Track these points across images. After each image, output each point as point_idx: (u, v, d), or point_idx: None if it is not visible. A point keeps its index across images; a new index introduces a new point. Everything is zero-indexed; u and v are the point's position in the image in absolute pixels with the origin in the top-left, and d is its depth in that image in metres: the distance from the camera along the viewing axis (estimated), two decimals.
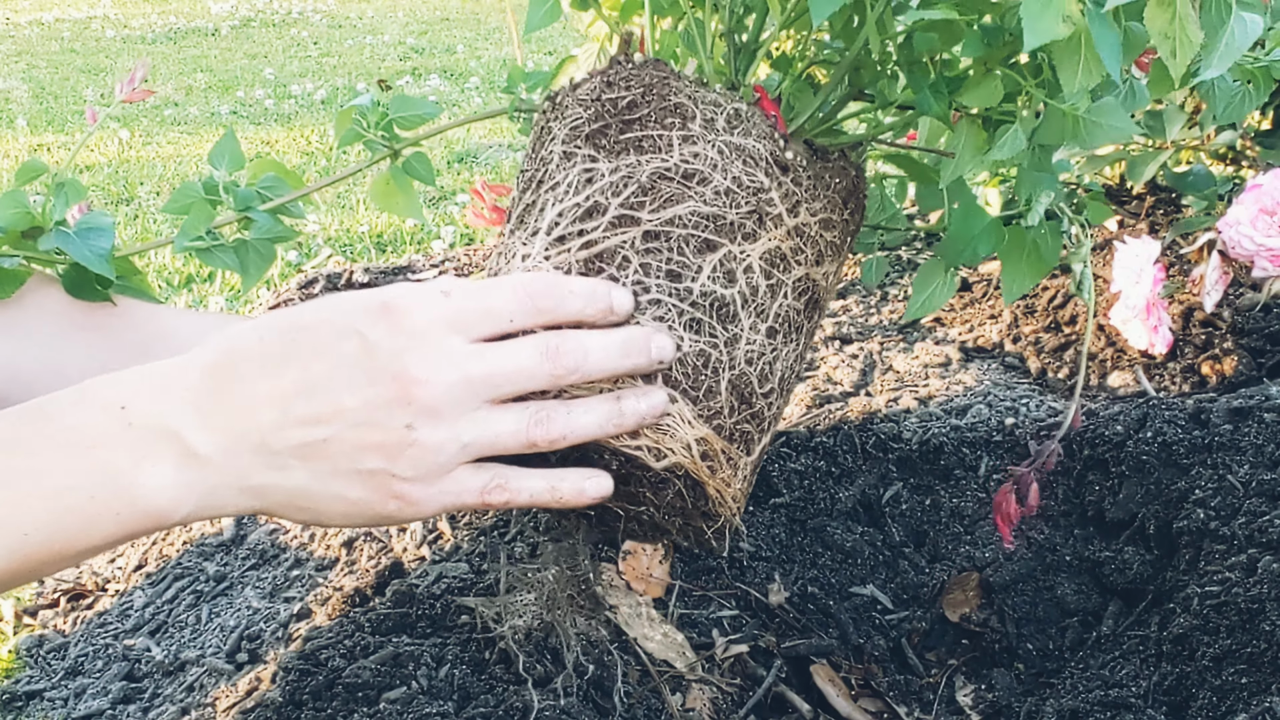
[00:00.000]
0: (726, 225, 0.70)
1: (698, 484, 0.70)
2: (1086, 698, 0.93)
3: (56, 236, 0.78)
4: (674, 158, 0.71)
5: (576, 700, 0.88)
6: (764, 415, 0.73)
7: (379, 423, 0.60)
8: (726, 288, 0.70)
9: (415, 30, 6.79)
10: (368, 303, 0.62)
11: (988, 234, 0.79)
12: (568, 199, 0.71)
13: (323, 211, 2.89)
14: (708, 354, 0.69)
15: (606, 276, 0.69)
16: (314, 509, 0.62)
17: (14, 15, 7.91)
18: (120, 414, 0.59)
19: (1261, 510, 0.98)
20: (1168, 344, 1.40)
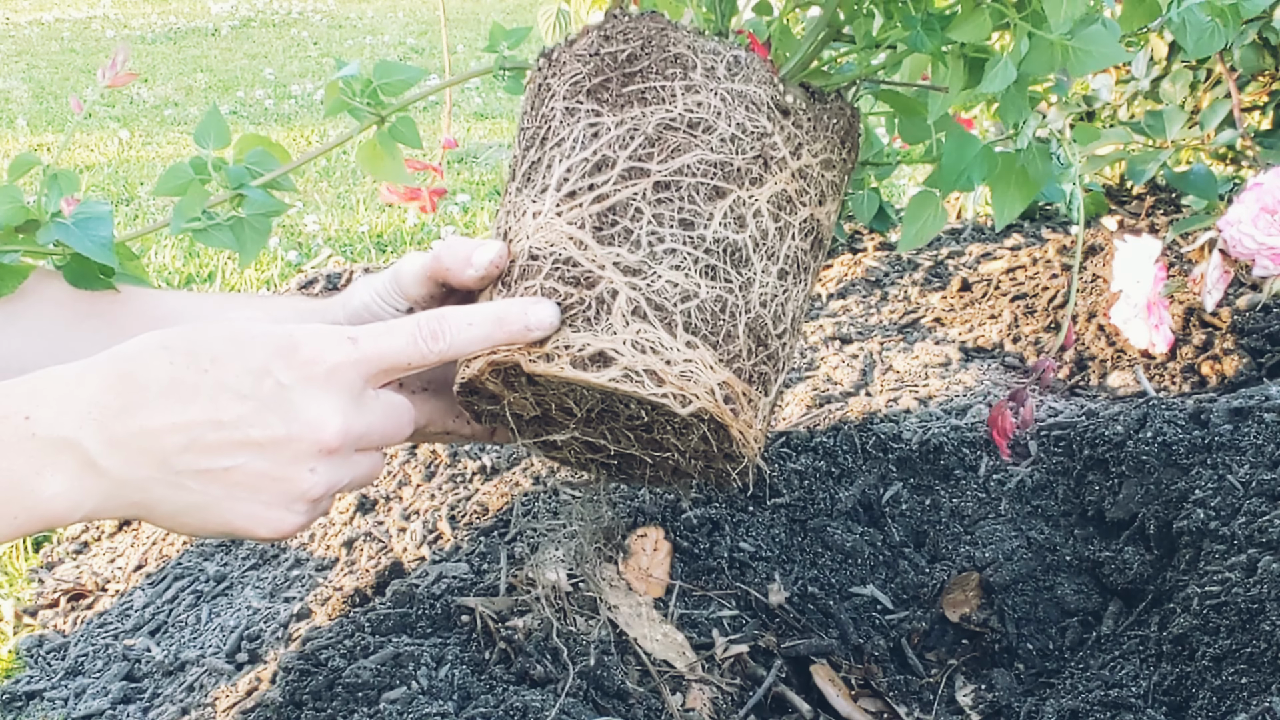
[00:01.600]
0: (734, 171, 0.72)
1: (721, 427, 0.71)
2: (1086, 698, 0.93)
3: (56, 229, 0.78)
4: (678, 107, 0.72)
5: (576, 700, 0.88)
6: (779, 356, 0.74)
7: (284, 464, 0.64)
8: (738, 233, 0.71)
9: (415, 30, 6.79)
10: (280, 343, 0.63)
11: (980, 160, 0.80)
12: (575, 154, 0.72)
13: (323, 212, 2.89)
14: (724, 299, 0.70)
15: (621, 229, 0.70)
16: (198, 524, 0.65)
17: (14, 15, 7.91)
18: (24, 424, 0.61)
19: (1261, 510, 0.98)
20: (1168, 344, 1.40)
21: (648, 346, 0.68)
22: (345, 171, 3.33)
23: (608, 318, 0.68)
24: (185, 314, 0.83)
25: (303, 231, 2.72)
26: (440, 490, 1.28)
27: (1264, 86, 1.75)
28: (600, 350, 0.67)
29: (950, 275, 1.87)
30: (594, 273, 0.69)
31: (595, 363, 0.67)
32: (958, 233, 2.08)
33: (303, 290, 2.03)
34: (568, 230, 0.70)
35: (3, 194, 0.79)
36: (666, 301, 0.69)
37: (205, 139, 0.84)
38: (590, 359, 0.67)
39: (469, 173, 3.31)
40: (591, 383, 0.68)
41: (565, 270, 0.70)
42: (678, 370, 0.68)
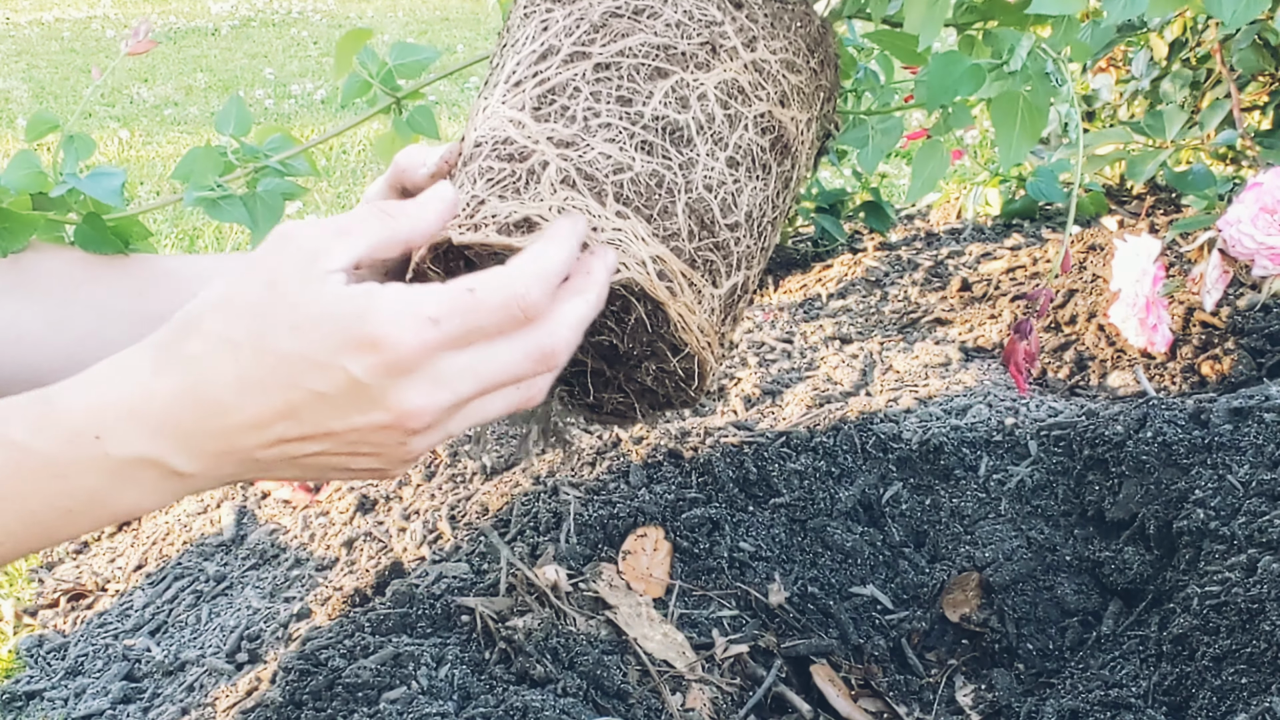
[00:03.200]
0: (678, 54, 0.72)
1: (657, 305, 0.68)
2: (1086, 698, 0.93)
3: (70, 179, 0.78)
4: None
5: (576, 700, 0.88)
6: (731, 249, 0.72)
7: (373, 443, 0.61)
8: (680, 113, 0.70)
9: (415, 30, 6.79)
10: (351, 334, 0.59)
11: (968, 76, 0.79)
12: (524, 49, 0.73)
13: (323, 211, 2.90)
14: (661, 174, 0.69)
15: (558, 106, 0.69)
16: (310, 478, 0.65)
17: (14, 15, 7.91)
18: (94, 444, 0.59)
19: (1261, 510, 0.98)
20: (1167, 343, 1.40)
21: (574, 213, 0.67)
22: (345, 171, 3.33)
23: (536, 186, 0.67)
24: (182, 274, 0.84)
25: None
26: (440, 490, 1.28)
27: (1264, 86, 1.75)
28: (525, 216, 0.66)
29: (950, 275, 1.87)
30: (528, 148, 0.69)
31: (520, 228, 0.66)
32: (958, 233, 2.08)
33: None
34: (509, 114, 0.71)
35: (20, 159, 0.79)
36: (598, 172, 0.67)
37: (226, 124, 0.84)
38: (515, 225, 0.66)
39: None
40: (513, 246, 0.66)
41: (502, 149, 0.69)
42: (605, 237, 0.66)
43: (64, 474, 0.59)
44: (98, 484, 0.59)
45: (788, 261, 2.09)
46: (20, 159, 0.79)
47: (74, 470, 0.59)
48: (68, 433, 0.59)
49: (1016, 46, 0.78)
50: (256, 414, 0.59)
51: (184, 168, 0.84)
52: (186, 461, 0.60)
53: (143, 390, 0.60)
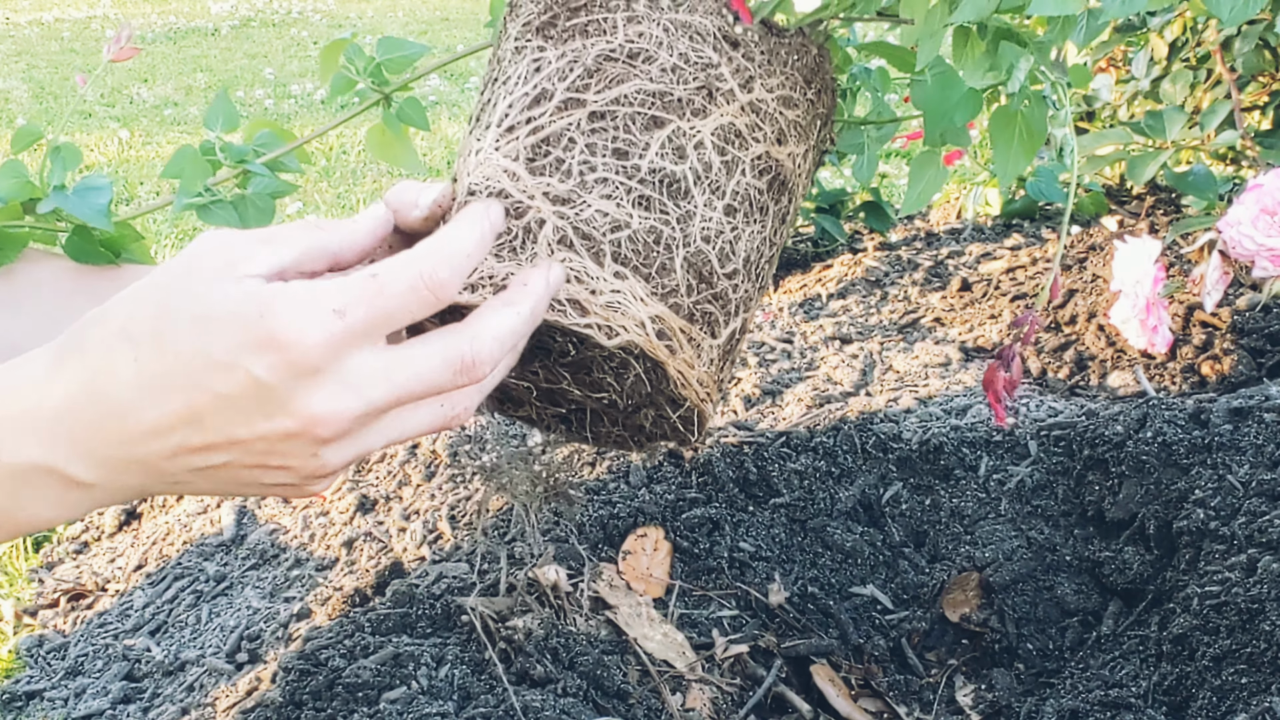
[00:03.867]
0: (674, 101, 0.70)
1: (657, 364, 0.68)
2: (1086, 698, 0.93)
3: (55, 197, 0.78)
4: (619, 38, 0.71)
5: (576, 700, 0.88)
6: (729, 297, 0.71)
7: (282, 453, 0.57)
8: (676, 164, 0.69)
9: (415, 30, 6.79)
10: (252, 331, 0.55)
11: (965, 102, 0.78)
12: (517, 90, 0.72)
13: (323, 211, 2.90)
14: (659, 230, 0.68)
15: (553, 159, 0.68)
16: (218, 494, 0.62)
17: (14, 15, 7.92)
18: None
19: (1261, 510, 0.98)
20: (1168, 344, 1.40)
21: (572, 276, 0.65)
22: (345, 171, 3.33)
23: (533, 246, 0.66)
24: None
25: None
26: (440, 490, 1.28)
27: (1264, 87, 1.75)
28: None
29: (950, 275, 1.87)
30: (523, 203, 0.67)
31: None
32: (958, 233, 2.08)
33: None
34: (503, 163, 0.69)
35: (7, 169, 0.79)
36: (595, 231, 0.67)
37: (214, 121, 0.84)
38: None
39: None
40: None
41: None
42: (603, 300, 0.65)
43: None
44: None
45: (788, 261, 2.09)
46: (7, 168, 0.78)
47: None
48: None
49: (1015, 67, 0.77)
50: (156, 418, 0.56)
51: (174, 167, 0.84)
52: (85, 470, 0.56)
53: (37, 392, 0.57)
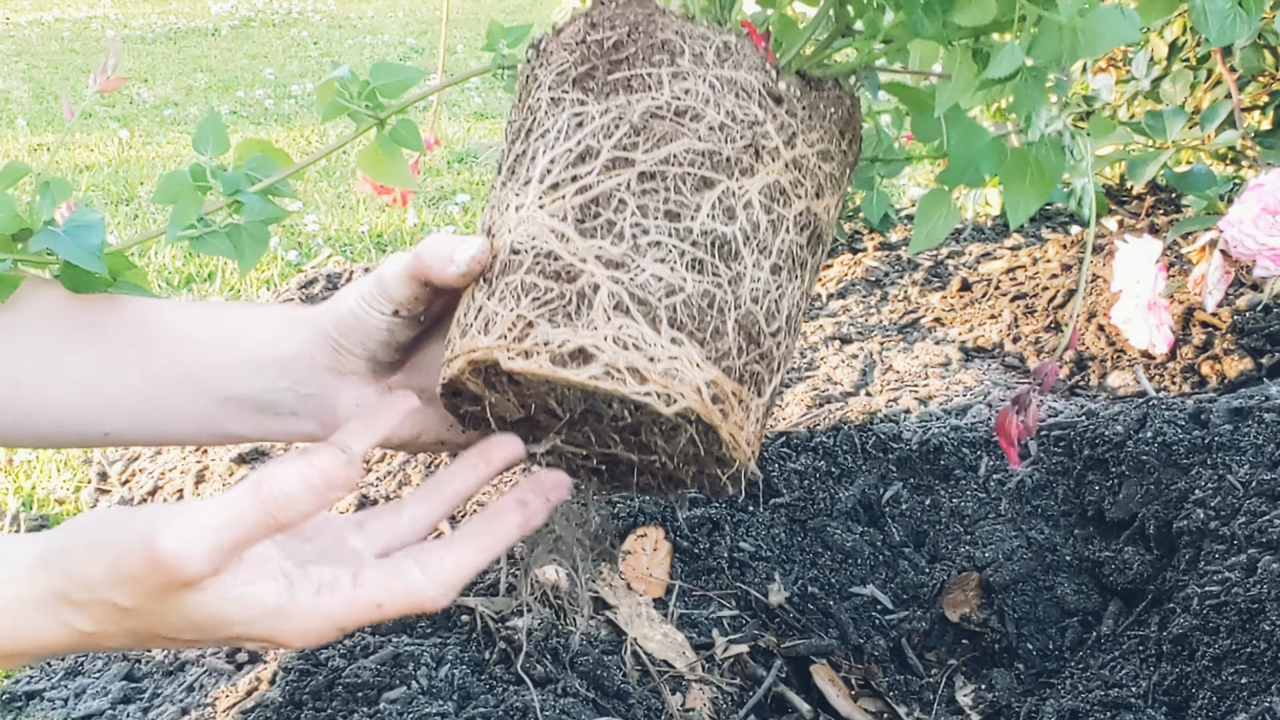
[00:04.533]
0: (723, 160, 0.69)
1: (710, 429, 0.68)
2: (1086, 698, 0.93)
3: (45, 236, 0.77)
4: (665, 95, 0.70)
5: (576, 700, 0.88)
6: (773, 355, 0.71)
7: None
8: (727, 225, 0.69)
9: (415, 30, 6.79)
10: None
11: (989, 153, 0.78)
12: (559, 145, 0.70)
13: (323, 211, 2.89)
14: (712, 294, 0.67)
15: (604, 221, 0.68)
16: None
17: (14, 15, 7.91)
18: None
19: (1261, 510, 0.98)
20: (1168, 344, 1.40)
21: (630, 343, 0.65)
22: (345, 172, 3.33)
23: (589, 313, 0.66)
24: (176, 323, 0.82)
25: (303, 231, 2.72)
26: None
27: (1264, 87, 1.75)
28: (580, 346, 0.65)
29: (950, 275, 1.87)
30: (575, 266, 0.67)
31: (575, 359, 0.65)
32: (958, 232, 2.08)
33: (302, 290, 2.03)
34: (549, 223, 0.68)
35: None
36: (650, 296, 0.66)
37: (204, 144, 0.83)
38: (570, 355, 0.65)
39: (469, 173, 3.31)
40: (571, 380, 0.65)
41: (546, 264, 0.68)
42: (661, 368, 0.65)
43: None
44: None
45: None
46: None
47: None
48: None
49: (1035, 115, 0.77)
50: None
51: (164, 193, 0.83)
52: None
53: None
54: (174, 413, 0.78)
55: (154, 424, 0.79)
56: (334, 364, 0.77)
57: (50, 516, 1.53)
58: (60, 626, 0.59)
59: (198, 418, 0.78)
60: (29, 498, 1.57)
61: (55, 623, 0.59)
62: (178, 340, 0.79)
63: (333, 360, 0.77)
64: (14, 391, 0.77)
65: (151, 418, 0.79)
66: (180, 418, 0.78)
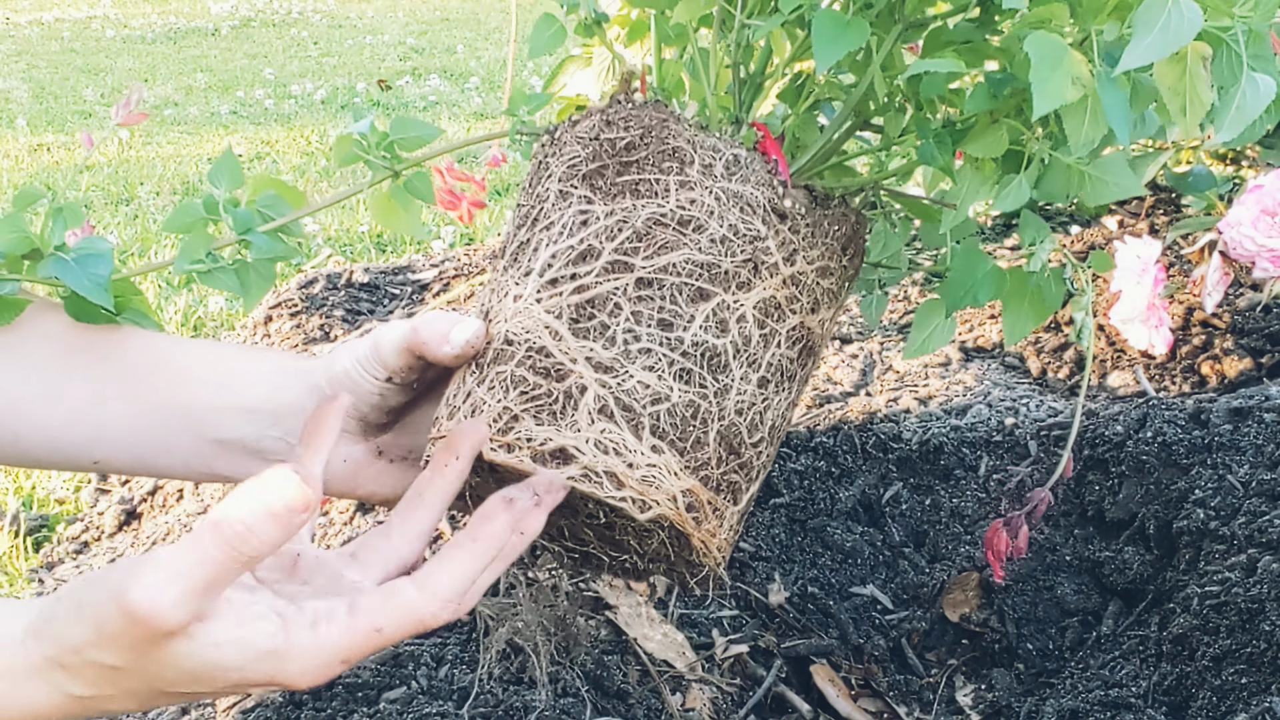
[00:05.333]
0: (721, 274, 0.70)
1: (682, 535, 0.69)
2: (1086, 698, 0.93)
3: (55, 265, 0.77)
4: (670, 203, 0.70)
5: (576, 700, 0.88)
6: (752, 465, 0.72)
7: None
8: (719, 338, 0.69)
9: (415, 30, 6.79)
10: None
11: (989, 280, 0.79)
12: (562, 240, 0.71)
13: (322, 211, 2.90)
14: (697, 405, 0.68)
15: (598, 323, 0.68)
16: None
17: (14, 15, 7.91)
18: None
19: (1261, 510, 0.98)
20: (1168, 344, 1.40)
21: (611, 447, 0.66)
22: (345, 172, 3.33)
23: (573, 414, 0.67)
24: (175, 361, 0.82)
25: (303, 231, 2.72)
26: None
27: None
28: (562, 446, 0.66)
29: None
30: (565, 365, 0.68)
31: (555, 458, 0.66)
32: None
33: (302, 290, 2.03)
34: (545, 319, 0.69)
35: (7, 223, 0.79)
36: (635, 403, 0.67)
37: (219, 179, 0.84)
38: (550, 454, 0.66)
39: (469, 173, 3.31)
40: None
41: (537, 359, 0.68)
42: (639, 475, 0.66)
43: None
44: None
45: None
46: (6, 222, 0.78)
47: None
48: None
49: (1039, 248, 0.78)
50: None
51: (175, 222, 0.83)
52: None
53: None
54: (165, 448, 0.79)
55: (144, 457, 0.80)
56: None
57: (50, 516, 1.53)
58: (57, 693, 0.59)
59: (187, 455, 0.79)
60: (29, 498, 1.57)
61: (52, 690, 0.59)
62: (175, 377, 0.80)
63: None
64: (11, 413, 0.78)
65: (142, 451, 0.79)
66: (170, 453, 0.79)
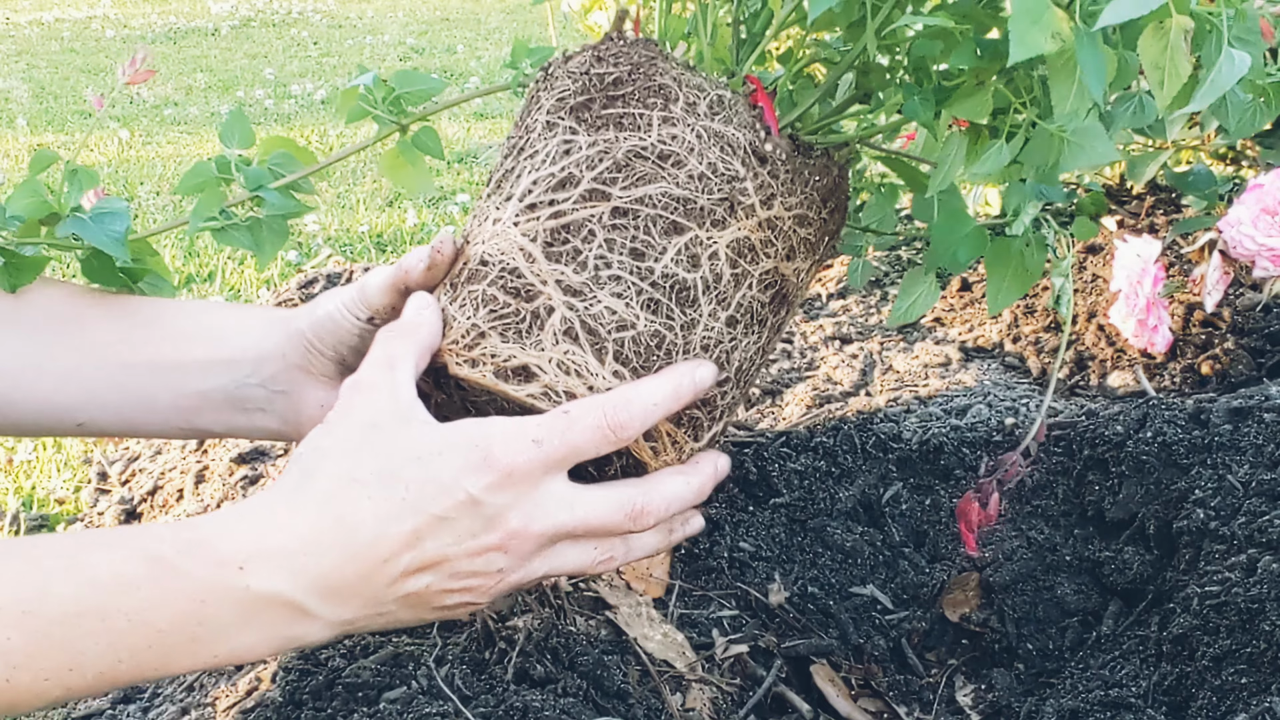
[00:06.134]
0: (696, 210, 0.71)
1: (640, 464, 0.70)
2: (1086, 698, 0.93)
3: (73, 223, 0.79)
4: (651, 137, 0.71)
5: (576, 700, 0.88)
6: (716, 404, 0.73)
7: (477, 570, 0.65)
8: (689, 272, 0.70)
9: (415, 30, 6.79)
10: (471, 457, 0.64)
11: (969, 240, 0.79)
12: (543, 168, 0.72)
13: (323, 211, 2.89)
14: (662, 335, 0.70)
15: (571, 248, 0.70)
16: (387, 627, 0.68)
17: (14, 15, 7.91)
18: (238, 574, 0.61)
19: (1261, 510, 0.98)
20: (1167, 344, 1.40)
21: (573, 368, 0.68)
22: (345, 172, 3.33)
23: (539, 333, 0.68)
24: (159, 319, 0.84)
25: (303, 231, 2.72)
26: None
27: None
28: (524, 364, 0.68)
29: (950, 275, 1.87)
30: (535, 286, 0.69)
31: (517, 375, 0.68)
32: None
33: (302, 290, 2.03)
34: (519, 241, 0.70)
35: (25, 188, 0.81)
36: (601, 327, 0.68)
37: (230, 138, 0.85)
38: (513, 371, 0.68)
39: (469, 173, 3.31)
40: (510, 395, 0.68)
41: (508, 280, 0.70)
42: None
43: (203, 599, 0.61)
44: (229, 616, 0.61)
45: None
46: (24, 188, 0.80)
47: (213, 597, 0.61)
48: (215, 559, 0.61)
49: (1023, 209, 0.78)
50: (390, 545, 0.63)
51: (188, 183, 0.85)
52: (317, 602, 0.62)
53: (285, 525, 0.63)
54: (148, 405, 0.81)
55: (128, 416, 0.83)
56: (305, 364, 0.81)
57: (50, 516, 1.53)
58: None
59: (169, 410, 0.82)
60: (29, 498, 1.57)
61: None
62: (160, 336, 0.82)
63: (304, 360, 0.81)
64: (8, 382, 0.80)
65: (125, 410, 0.82)
66: (153, 410, 0.82)
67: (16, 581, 0.59)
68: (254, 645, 0.62)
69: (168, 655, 0.60)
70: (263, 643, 0.62)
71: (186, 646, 0.61)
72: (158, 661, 0.60)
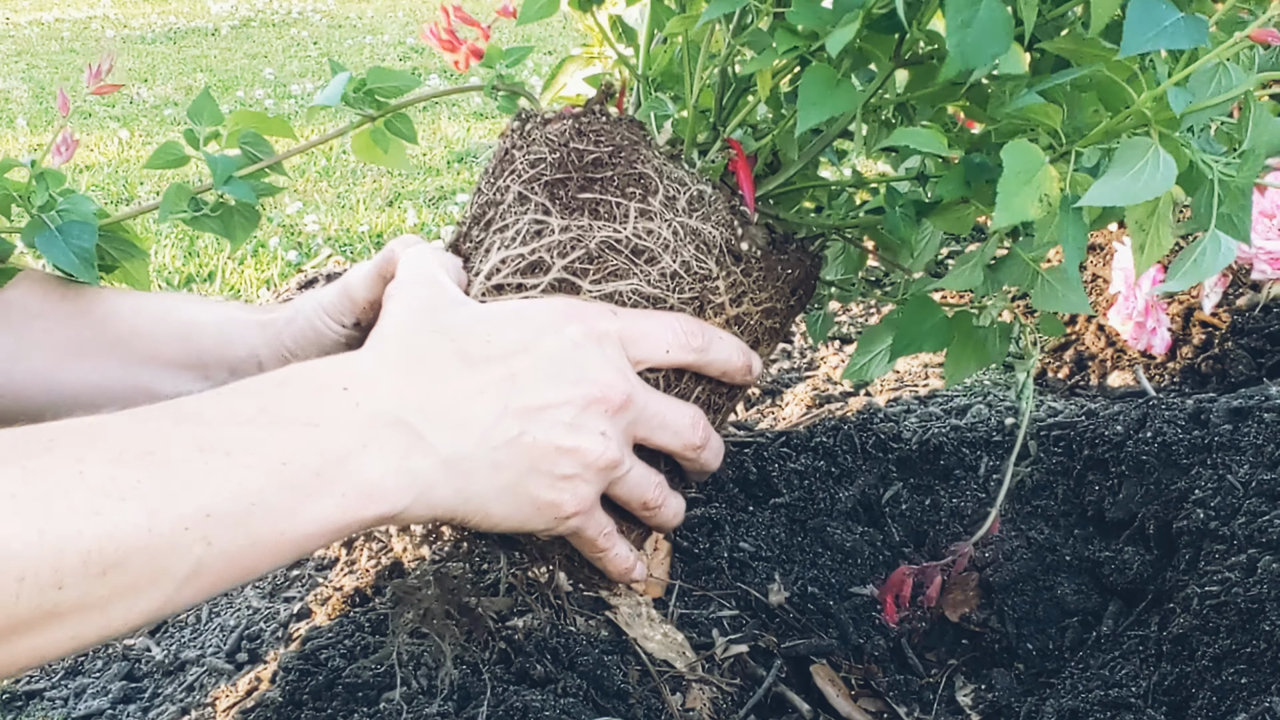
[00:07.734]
0: (665, 309, 0.70)
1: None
2: (1086, 698, 0.93)
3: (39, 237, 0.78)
4: (626, 230, 0.70)
5: (576, 700, 0.88)
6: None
7: (578, 427, 0.63)
8: (650, 372, 0.71)
9: (415, 30, 6.79)
10: (555, 305, 0.65)
11: (935, 331, 0.78)
12: (513, 248, 0.71)
13: (323, 211, 2.89)
14: None
15: None
16: (505, 513, 0.64)
17: (14, 15, 7.91)
18: (344, 395, 0.59)
19: (1261, 510, 0.98)
20: (1167, 344, 1.40)
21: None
22: (345, 171, 3.33)
23: None
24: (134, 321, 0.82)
25: (303, 231, 2.72)
26: None
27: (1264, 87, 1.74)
28: None
29: None
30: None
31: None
32: None
33: (302, 290, 2.03)
34: None
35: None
36: None
37: (198, 117, 0.85)
38: None
39: (469, 172, 3.31)
40: None
41: None
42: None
43: (315, 421, 0.57)
44: (346, 440, 0.57)
45: None
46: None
47: (324, 418, 0.57)
48: (316, 385, 0.59)
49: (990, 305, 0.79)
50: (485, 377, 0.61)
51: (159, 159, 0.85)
52: (430, 426, 0.59)
53: (376, 357, 0.61)
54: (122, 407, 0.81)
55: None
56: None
57: None
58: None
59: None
60: None
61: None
62: (133, 335, 0.81)
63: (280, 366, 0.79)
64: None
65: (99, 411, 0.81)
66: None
67: (130, 430, 0.56)
68: (378, 479, 0.58)
69: (296, 496, 0.56)
70: (388, 475, 0.58)
71: (312, 483, 0.56)
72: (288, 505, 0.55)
